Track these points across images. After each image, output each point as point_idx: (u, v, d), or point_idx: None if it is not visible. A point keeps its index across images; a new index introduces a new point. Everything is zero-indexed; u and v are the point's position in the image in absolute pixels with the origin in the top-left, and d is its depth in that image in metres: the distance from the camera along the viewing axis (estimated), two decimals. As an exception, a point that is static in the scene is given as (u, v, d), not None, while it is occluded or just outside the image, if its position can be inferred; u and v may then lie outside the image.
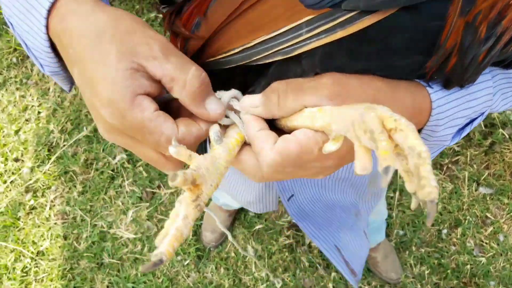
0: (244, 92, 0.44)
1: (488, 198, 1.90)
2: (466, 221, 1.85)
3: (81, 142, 1.99)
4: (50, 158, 1.96)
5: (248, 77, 0.46)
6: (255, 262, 1.78)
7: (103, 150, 1.97)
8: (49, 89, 2.11)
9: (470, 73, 0.39)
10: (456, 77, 0.40)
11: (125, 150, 1.97)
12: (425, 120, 0.44)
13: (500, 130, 1.96)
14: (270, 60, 0.40)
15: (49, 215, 1.88)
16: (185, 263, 1.78)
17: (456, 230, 1.84)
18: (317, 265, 1.78)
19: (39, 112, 2.07)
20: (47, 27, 0.38)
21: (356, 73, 0.39)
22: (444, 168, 1.95)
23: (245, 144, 0.42)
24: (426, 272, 1.76)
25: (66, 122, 2.03)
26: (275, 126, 0.43)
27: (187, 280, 1.75)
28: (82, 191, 1.91)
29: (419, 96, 0.42)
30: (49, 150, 1.99)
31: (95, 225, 1.85)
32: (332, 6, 0.34)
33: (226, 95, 0.42)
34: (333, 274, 1.75)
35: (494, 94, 0.48)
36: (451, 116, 0.45)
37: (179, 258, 1.78)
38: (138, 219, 1.85)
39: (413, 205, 0.30)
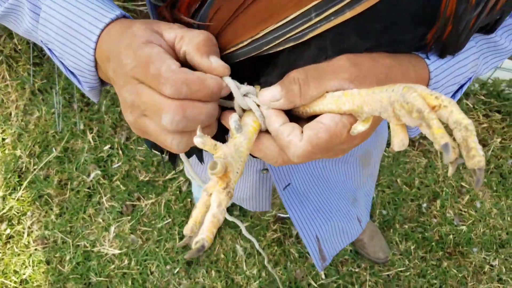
0: (254, 82, 0.45)
1: (461, 168, 1.96)
2: (443, 192, 1.91)
3: (52, 164, 1.94)
4: (21, 184, 1.89)
5: (257, 67, 0.46)
6: (245, 261, 1.78)
7: (76, 169, 1.92)
8: (10, 114, 2.04)
9: (463, 39, 0.41)
10: (451, 44, 0.42)
11: (99, 166, 1.93)
12: None
13: (464, 101, 2.03)
14: (281, 48, 0.40)
15: (28, 242, 1.82)
16: (175, 271, 1.76)
17: (435, 203, 1.89)
18: (307, 255, 1.79)
19: (3, 139, 1.99)
20: (95, 49, 0.43)
21: (366, 51, 0.40)
22: (416, 144, 2.01)
23: (261, 132, 0.43)
24: (412, 247, 1.81)
25: (33, 146, 1.97)
26: (289, 112, 0.44)
27: (179, 288, 1.73)
28: (60, 213, 1.86)
29: (420, 68, 0.45)
30: (19, 176, 1.92)
31: (78, 245, 1.80)
32: None
33: (241, 90, 0.42)
34: (323, 261, 1.77)
35: (478, 59, 0.51)
36: (445, 84, 0.48)
37: (168, 267, 1.76)
38: (121, 234, 1.82)
39: (450, 172, 0.32)
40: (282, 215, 1.86)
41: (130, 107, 0.40)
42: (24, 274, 1.76)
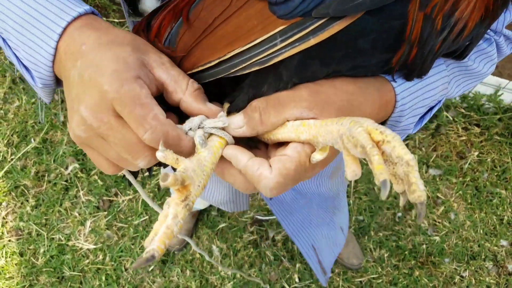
0: (220, 102, 0.46)
1: (437, 179, 2.00)
2: (419, 202, 1.93)
3: (30, 155, 1.91)
4: (-3, 174, 1.87)
5: (224, 88, 0.47)
6: (220, 262, 1.79)
7: (54, 161, 1.90)
8: (-9, 100, 2.01)
9: (428, 62, 0.43)
10: (416, 67, 0.43)
11: (78, 160, 1.91)
12: (390, 112, 0.48)
13: (444, 113, 2.06)
14: (247, 71, 0.41)
15: (2, 233, 1.80)
16: (150, 269, 1.76)
17: (410, 212, 1.92)
18: (282, 258, 1.81)
19: (-19, 126, 1.96)
20: (57, 42, 0.41)
21: (328, 76, 0.42)
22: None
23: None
24: (386, 255, 1.84)
25: (11, 135, 1.94)
26: (252, 139, 0.45)
27: (153, 286, 1.73)
28: (36, 205, 1.84)
29: (385, 91, 0.46)
30: (-4, 165, 1.90)
31: (52, 238, 1.79)
32: (303, 15, 0.36)
33: (195, 120, 0.43)
34: (298, 265, 1.79)
35: (449, 83, 0.52)
36: (413, 106, 0.49)
37: (143, 264, 1.76)
38: (97, 229, 1.81)
39: (401, 203, 0.34)
40: (260, 217, 1.86)
41: (84, 125, 0.39)
42: (-4, 265, 1.74)
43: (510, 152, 2.04)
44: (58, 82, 0.47)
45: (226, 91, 0.47)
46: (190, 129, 0.42)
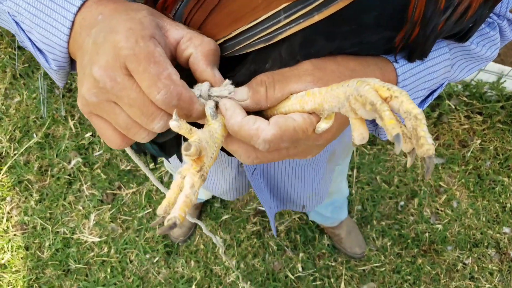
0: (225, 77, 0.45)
1: (440, 168, 2.00)
2: (422, 191, 1.94)
3: (33, 149, 1.92)
4: (1, 169, 1.88)
5: (226, 65, 0.46)
6: (224, 252, 1.80)
7: (56, 155, 1.91)
8: (-8, 95, 2.01)
9: (430, 42, 0.42)
10: (418, 47, 0.43)
11: (80, 154, 1.92)
12: None
13: (446, 101, 2.05)
14: (252, 49, 0.41)
15: (7, 227, 1.81)
16: (155, 260, 1.77)
17: (413, 201, 1.93)
18: (285, 248, 1.82)
19: (-16, 121, 1.97)
20: (73, 21, 0.41)
21: (332, 53, 0.41)
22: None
23: None
24: (388, 244, 1.85)
25: (14, 130, 1.95)
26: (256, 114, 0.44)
27: (158, 277, 1.75)
28: (40, 199, 1.85)
29: (387, 71, 0.45)
30: (-1, 160, 1.91)
31: (57, 232, 1.81)
32: None
33: (204, 87, 0.42)
34: (301, 254, 1.80)
35: (452, 66, 0.52)
36: (415, 88, 0.48)
37: (147, 256, 1.77)
38: (101, 222, 1.82)
39: (409, 163, 0.33)
40: (263, 208, 1.87)
41: (96, 88, 0.38)
42: (2, 259, 1.76)
43: (512, 140, 2.03)
44: (72, 65, 0.47)
45: (228, 69, 0.46)
46: (200, 95, 0.41)
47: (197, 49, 0.40)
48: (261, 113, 0.44)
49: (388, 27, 0.39)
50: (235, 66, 0.46)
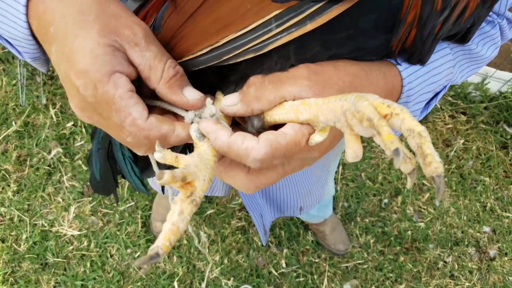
0: (213, 91, 0.44)
1: (424, 166, 2.01)
2: (405, 189, 1.96)
3: (11, 138, 1.85)
4: (-23, 158, 1.81)
5: (220, 76, 0.44)
6: (208, 248, 1.78)
7: (36, 145, 1.85)
8: (-32, 81, 1.93)
9: (429, 45, 0.41)
10: (416, 50, 0.41)
11: (61, 144, 1.86)
12: (397, 98, 0.46)
13: (432, 101, 2.07)
14: (241, 59, 0.39)
15: (-18, 219, 1.75)
16: (136, 255, 1.74)
17: (397, 199, 1.94)
18: (269, 244, 1.81)
19: (-41, 108, 1.89)
20: (26, 14, 0.38)
21: (329, 59, 0.39)
22: (383, 140, 2.04)
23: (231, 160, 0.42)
24: (371, 241, 1.86)
25: (-9, 118, 1.88)
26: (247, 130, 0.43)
27: (139, 272, 1.71)
28: (17, 190, 1.79)
29: (391, 75, 0.44)
30: (-25, 149, 1.83)
31: (35, 224, 1.75)
32: None
33: (189, 115, 0.41)
34: (285, 250, 1.80)
35: (454, 67, 0.50)
36: (420, 91, 0.47)
37: (129, 251, 1.74)
38: (81, 215, 1.77)
39: (409, 185, 0.31)
40: (247, 203, 1.86)
41: (82, 117, 0.39)
42: (-24, 251, 1.70)
43: (494, 140, 2.07)
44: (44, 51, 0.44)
45: (220, 78, 0.45)
46: (192, 121, 0.41)
47: (159, 83, 0.39)
48: (259, 119, 0.42)
49: (385, 30, 0.38)
50: (227, 75, 0.44)
